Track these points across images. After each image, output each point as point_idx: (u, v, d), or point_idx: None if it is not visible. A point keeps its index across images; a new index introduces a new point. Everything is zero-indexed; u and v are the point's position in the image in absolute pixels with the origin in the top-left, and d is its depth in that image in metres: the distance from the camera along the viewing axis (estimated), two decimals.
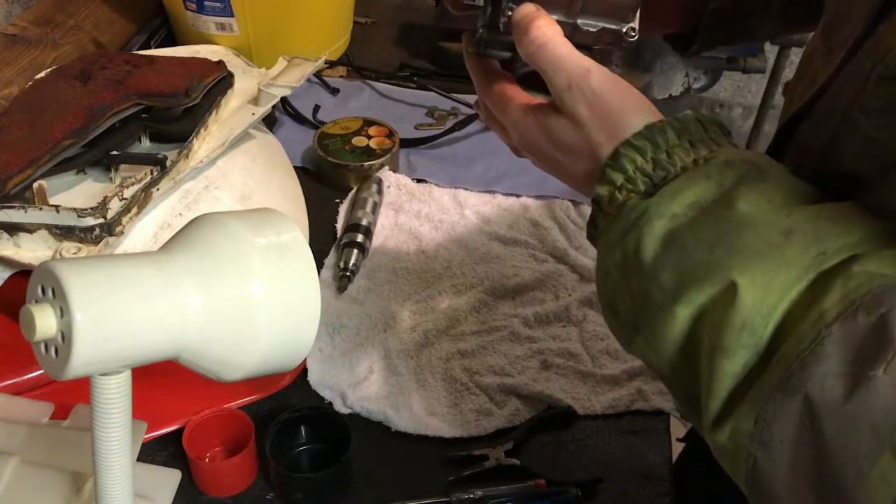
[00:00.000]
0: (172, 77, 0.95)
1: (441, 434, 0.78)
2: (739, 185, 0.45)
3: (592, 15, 0.54)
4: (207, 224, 0.51)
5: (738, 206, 0.44)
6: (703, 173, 0.46)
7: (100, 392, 0.49)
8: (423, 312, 0.90)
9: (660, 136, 0.48)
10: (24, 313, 0.45)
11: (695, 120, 0.49)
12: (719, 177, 0.46)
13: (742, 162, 0.46)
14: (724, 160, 0.46)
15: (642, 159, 0.48)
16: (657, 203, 0.46)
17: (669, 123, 0.49)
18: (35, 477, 0.68)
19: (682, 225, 0.45)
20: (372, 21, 1.44)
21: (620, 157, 0.49)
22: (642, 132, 0.49)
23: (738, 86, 1.69)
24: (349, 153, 1.07)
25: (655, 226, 0.45)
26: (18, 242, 0.80)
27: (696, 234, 0.44)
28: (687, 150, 0.48)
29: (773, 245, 0.42)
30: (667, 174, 0.47)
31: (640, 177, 0.48)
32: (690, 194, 0.45)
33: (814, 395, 0.39)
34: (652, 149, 0.48)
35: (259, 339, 0.50)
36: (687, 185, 0.46)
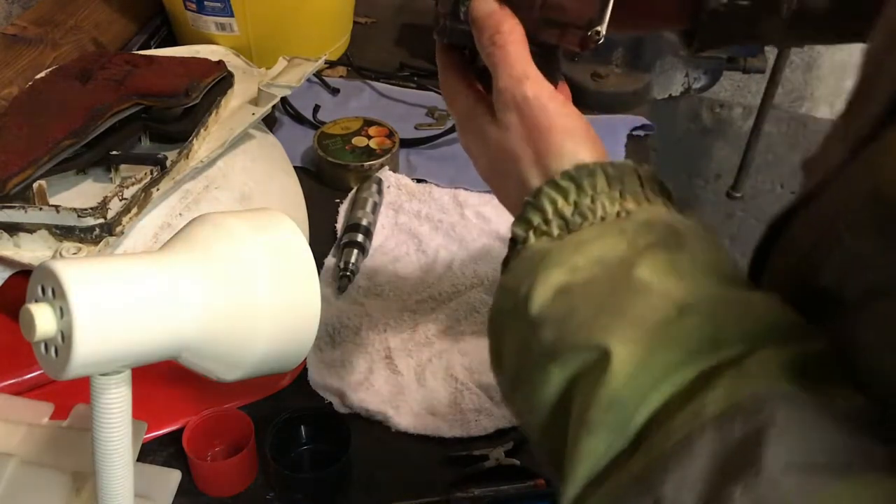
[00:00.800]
0: (172, 77, 0.95)
1: (441, 434, 0.78)
2: (651, 248, 0.41)
3: (556, 12, 0.51)
4: (207, 224, 0.51)
5: (639, 272, 0.40)
6: (618, 228, 0.42)
7: (100, 392, 0.49)
8: (423, 312, 0.90)
9: (588, 179, 0.45)
10: (23, 313, 0.45)
11: (632, 171, 0.45)
12: (633, 235, 0.42)
13: (664, 225, 0.42)
14: (646, 219, 0.43)
15: (563, 201, 0.45)
16: (560, 250, 0.42)
17: (603, 168, 0.45)
18: (35, 477, 0.68)
19: (579, 280, 0.41)
20: (372, 21, 1.44)
21: (541, 196, 0.45)
22: (570, 172, 0.45)
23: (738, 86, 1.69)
24: (349, 153, 1.07)
25: (552, 275, 0.42)
26: (18, 242, 0.80)
27: (588, 291, 0.40)
28: (613, 200, 0.44)
29: (661, 319, 0.38)
30: (583, 221, 0.44)
31: (556, 220, 0.45)
32: (597, 248, 0.42)
33: (666, 500, 0.34)
34: (576, 191, 0.45)
35: (259, 339, 0.50)
36: (597, 237, 0.42)
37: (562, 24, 0.51)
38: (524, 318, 0.42)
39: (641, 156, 1.14)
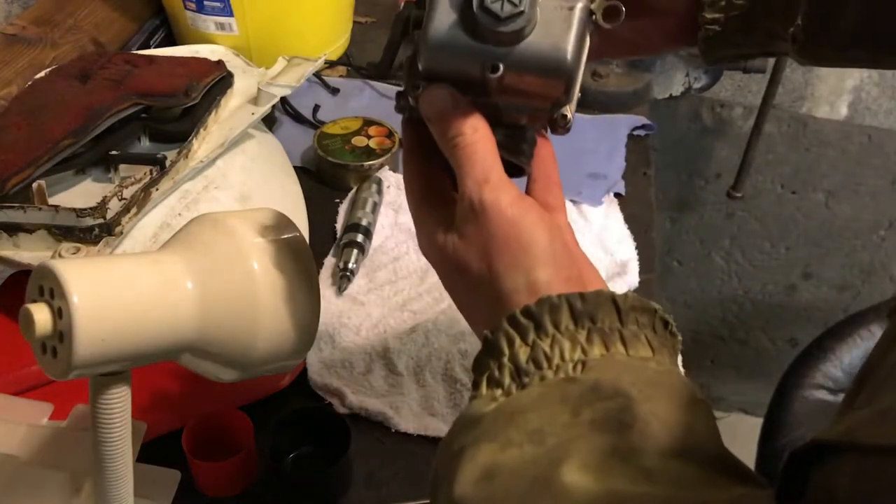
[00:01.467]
0: (172, 77, 0.95)
1: (441, 434, 0.78)
2: (592, 429, 0.36)
3: (516, 97, 0.46)
4: (207, 224, 0.51)
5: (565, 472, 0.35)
6: (560, 395, 0.37)
7: (99, 392, 0.49)
8: (423, 312, 0.90)
9: (549, 315, 0.39)
10: (23, 313, 0.45)
11: (609, 301, 0.39)
12: (576, 405, 0.36)
13: (615, 392, 0.36)
14: (594, 382, 0.37)
15: (520, 341, 0.40)
16: (494, 418, 0.38)
17: (569, 300, 0.39)
18: (34, 477, 0.68)
19: (506, 463, 0.36)
20: (372, 21, 1.44)
21: (499, 334, 0.40)
22: (531, 307, 0.40)
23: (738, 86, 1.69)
24: (349, 153, 1.07)
25: (481, 451, 0.37)
26: (18, 242, 0.79)
27: (509, 486, 0.36)
28: (576, 345, 0.38)
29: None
30: (536, 372, 0.38)
31: (508, 366, 0.39)
32: (535, 419, 0.37)
33: None
34: (535, 330, 0.39)
35: (258, 339, 0.50)
36: (537, 405, 0.37)
37: (525, 108, 0.47)
38: (447, 497, 0.38)
39: (641, 155, 1.14)
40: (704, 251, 1.92)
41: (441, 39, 0.44)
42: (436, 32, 0.44)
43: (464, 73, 0.44)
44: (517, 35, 0.43)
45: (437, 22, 0.44)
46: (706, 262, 1.93)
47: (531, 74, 0.44)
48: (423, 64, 0.45)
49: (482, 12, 0.42)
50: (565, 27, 0.43)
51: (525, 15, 0.42)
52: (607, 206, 1.04)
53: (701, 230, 1.90)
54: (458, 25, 0.43)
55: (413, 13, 0.49)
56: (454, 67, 0.44)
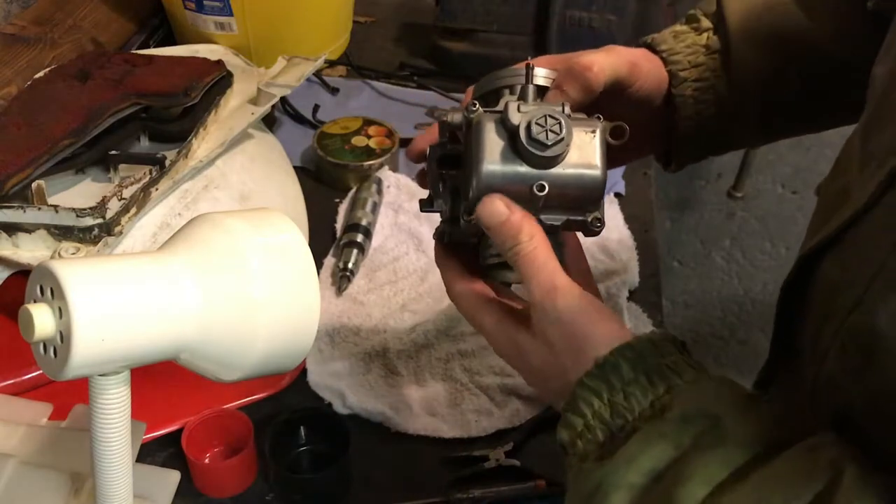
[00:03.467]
0: (171, 77, 0.95)
1: (441, 434, 0.78)
2: (696, 449, 0.42)
3: (554, 210, 0.52)
4: (207, 224, 0.51)
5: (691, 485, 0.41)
6: (658, 433, 0.43)
7: (99, 392, 0.49)
8: (423, 312, 0.90)
9: (613, 374, 0.46)
10: (22, 313, 0.45)
11: (648, 342, 0.47)
12: (676, 436, 0.43)
13: (699, 416, 0.43)
14: (681, 414, 0.43)
15: (599, 402, 0.46)
16: (613, 472, 0.43)
17: (623, 355, 0.46)
18: (34, 477, 0.68)
19: (640, 501, 0.42)
20: (372, 20, 1.44)
21: (578, 401, 0.46)
22: (594, 371, 0.46)
23: None
24: (349, 153, 1.07)
25: (613, 500, 0.43)
26: (17, 242, 0.79)
27: None
28: (644, 389, 0.45)
29: None
30: (624, 422, 0.45)
31: (598, 424, 0.46)
32: (647, 460, 0.43)
33: None
34: (607, 390, 0.46)
35: (258, 339, 0.49)
36: (643, 450, 0.43)
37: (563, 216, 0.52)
38: None
39: None
40: (704, 251, 1.92)
41: (494, 171, 0.50)
42: (489, 165, 0.49)
43: (513, 194, 0.50)
44: (558, 158, 0.49)
45: (488, 154, 0.49)
46: (706, 262, 1.93)
47: (571, 189, 0.51)
48: (476, 192, 0.50)
49: (530, 142, 0.49)
50: (593, 147, 0.51)
51: (564, 141, 0.49)
52: (607, 206, 1.04)
53: (701, 230, 1.90)
54: (506, 155, 0.49)
55: (448, 149, 0.55)
56: (504, 189, 0.50)
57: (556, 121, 0.49)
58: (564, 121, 0.49)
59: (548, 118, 0.49)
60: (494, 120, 0.50)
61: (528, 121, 0.49)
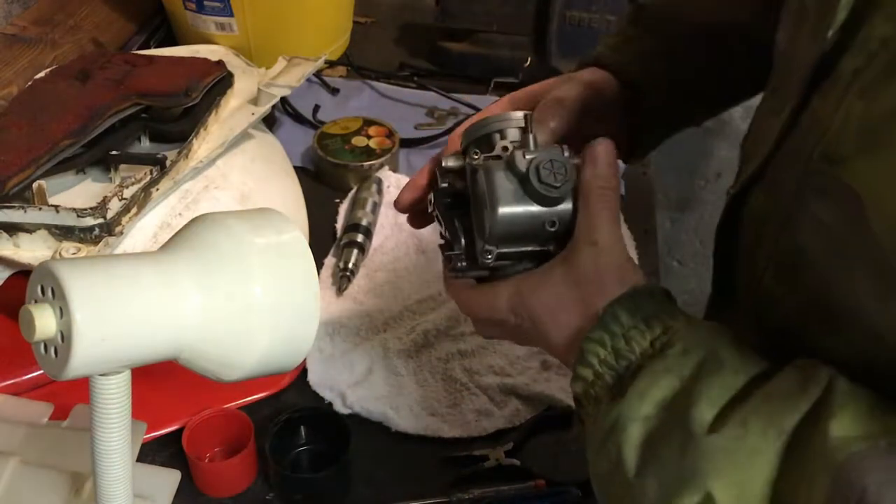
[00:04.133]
0: (172, 77, 0.95)
1: (441, 434, 0.78)
2: (698, 378, 0.46)
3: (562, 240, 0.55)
4: (207, 224, 0.51)
5: (700, 406, 0.45)
6: (663, 367, 0.47)
7: (99, 392, 0.49)
8: (423, 312, 0.90)
9: (614, 322, 0.49)
10: (23, 313, 0.45)
11: (646, 293, 0.50)
12: (678, 369, 0.47)
13: (698, 347, 0.47)
14: (682, 349, 0.47)
15: (604, 351, 0.49)
16: (627, 407, 0.47)
17: (621, 304, 0.50)
18: (34, 477, 0.68)
19: (655, 430, 0.46)
20: (372, 21, 1.44)
21: (585, 354, 0.50)
22: (597, 324, 0.50)
23: None
24: (349, 153, 1.07)
25: (631, 433, 0.46)
26: (18, 242, 0.79)
27: (666, 440, 0.45)
28: (642, 332, 0.49)
29: (734, 439, 0.43)
30: (629, 363, 0.48)
31: (605, 370, 0.49)
32: (658, 391, 0.46)
33: None
34: (610, 338, 0.49)
35: (259, 339, 0.50)
36: (653, 382, 0.47)
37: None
38: (625, 482, 0.46)
39: None
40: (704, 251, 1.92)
41: (508, 212, 0.53)
42: (504, 208, 0.53)
43: (527, 232, 0.54)
44: (566, 196, 0.53)
45: (501, 199, 0.53)
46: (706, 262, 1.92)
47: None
48: (494, 231, 0.53)
49: (541, 185, 0.52)
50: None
51: (570, 180, 0.53)
52: None
53: (701, 230, 1.90)
54: (518, 197, 0.53)
55: (457, 187, 0.59)
56: (519, 229, 0.54)
57: (560, 164, 0.53)
58: (568, 163, 0.53)
59: (553, 162, 0.52)
60: (501, 167, 0.54)
61: (535, 165, 0.52)
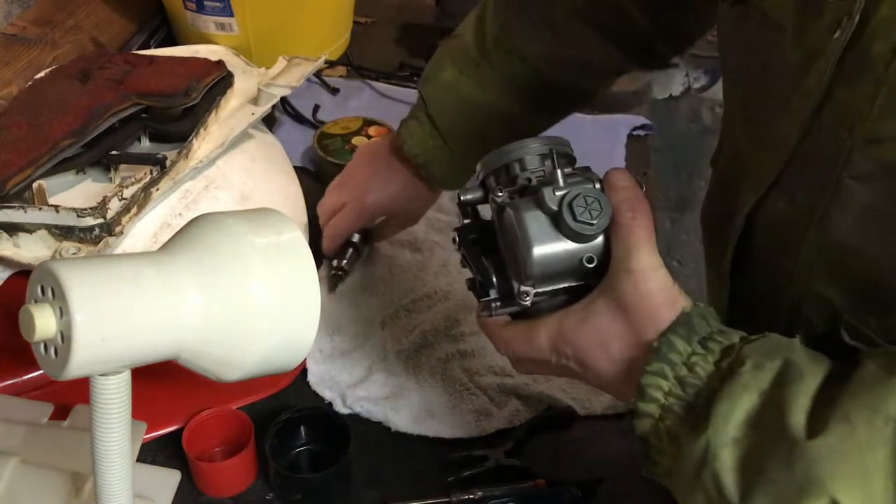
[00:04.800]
0: (172, 77, 0.95)
1: (441, 434, 0.78)
2: (780, 387, 0.45)
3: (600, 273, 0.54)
4: (207, 224, 0.51)
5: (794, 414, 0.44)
6: (741, 385, 0.46)
7: (99, 392, 0.49)
8: (419, 311, 0.90)
9: (671, 351, 0.48)
10: (23, 313, 0.45)
11: (697, 315, 0.49)
12: (756, 384, 0.46)
13: (770, 359, 0.46)
14: (754, 364, 0.46)
15: (667, 383, 0.48)
16: (714, 433, 0.45)
17: (675, 331, 0.48)
18: (34, 477, 0.68)
19: (749, 448, 0.45)
20: (372, 21, 1.44)
21: (646, 389, 0.48)
22: (653, 355, 0.48)
23: None
24: (349, 153, 1.07)
25: (724, 458, 0.45)
26: (18, 242, 0.79)
27: (768, 455, 0.44)
28: (703, 356, 0.48)
29: (842, 436, 0.42)
30: (697, 390, 0.47)
31: (674, 402, 0.48)
32: (741, 413, 0.45)
33: None
34: (670, 368, 0.48)
35: (258, 339, 0.50)
36: (733, 404, 0.45)
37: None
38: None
39: (641, 156, 1.14)
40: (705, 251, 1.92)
41: (545, 253, 0.52)
42: (539, 248, 0.52)
43: (564, 270, 0.53)
44: (602, 231, 0.52)
45: (535, 239, 0.52)
46: None
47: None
48: (531, 272, 0.52)
49: (576, 223, 0.51)
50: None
51: (606, 214, 0.51)
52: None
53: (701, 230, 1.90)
54: (552, 235, 0.52)
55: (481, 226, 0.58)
56: (556, 268, 0.52)
57: (594, 198, 0.51)
58: (601, 197, 0.51)
59: (586, 198, 0.51)
60: (530, 205, 0.52)
61: (569, 203, 0.51)
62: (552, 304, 0.54)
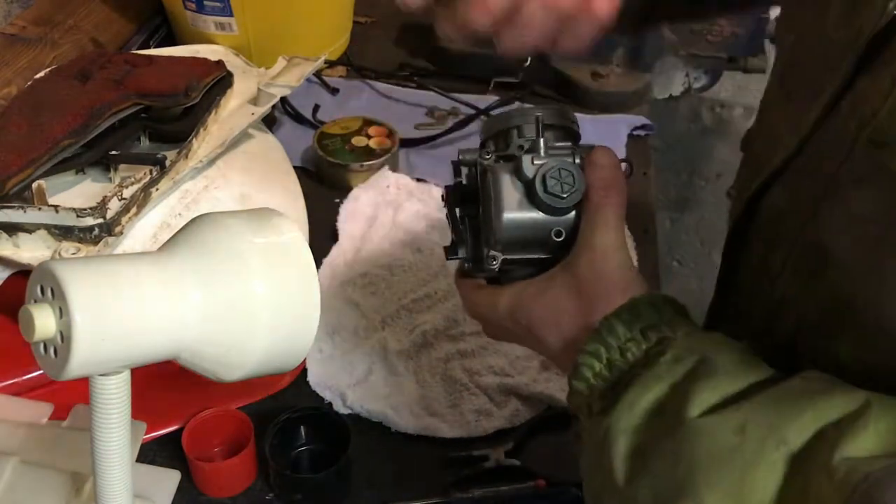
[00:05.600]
0: (172, 77, 0.95)
1: (441, 434, 0.78)
2: (690, 382, 0.44)
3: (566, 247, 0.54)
4: (207, 224, 0.51)
5: (689, 411, 0.43)
6: (654, 375, 0.45)
7: (99, 392, 0.49)
8: (419, 311, 0.90)
9: (609, 335, 0.48)
10: (23, 313, 0.45)
11: (647, 303, 0.48)
12: (669, 376, 0.45)
13: (690, 355, 0.46)
14: (673, 356, 0.46)
15: (599, 364, 0.48)
16: (616, 419, 0.45)
17: (619, 316, 0.48)
18: (34, 477, 0.68)
19: (644, 440, 0.44)
20: (372, 21, 1.44)
21: (581, 367, 0.48)
22: (592, 335, 0.48)
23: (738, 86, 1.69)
24: (349, 153, 1.07)
25: (620, 445, 0.45)
26: (17, 242, 0.79)
27: (657, 449, 0.44)
28: (638, 343, 0.47)
29: (729, 448, 0.41)
30: (621, 374, 0.47)
31: (600, 383, 0.48)
32: (645, 401, 0.45)
33: None
34: (605, 350, 0.48)
35: (258, 339, 0.49)
36: (641, 393, 0.45)
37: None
38: (618, 493, 0.45)
39: (642, 156, 1.14)
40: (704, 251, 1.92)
41: (514, 219, 0.52)
42: (508, 214, 0.52)
43: (532, 240, 0.53)
44: (573, 206, 0.52)
45: (506, 204, 0.52)
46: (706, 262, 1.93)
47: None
48: (498, 237, 0.53)
49: (546, 195, 0.51)
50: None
51: (578, 191, 0.51)
52: None
53: (701, 230, 1.90)
54: (523, 204, 0.52)
55: (465, 186, 0.58)
56: (524, 237, 0.53)
57: (569, 172, 0.51)
58: (577, 172, 0.51)
59: (561, 171, 0.51)
60: (509, 171, 0.53)
61: (542, 174, 0.51)
62: (522, 273, 0.54)
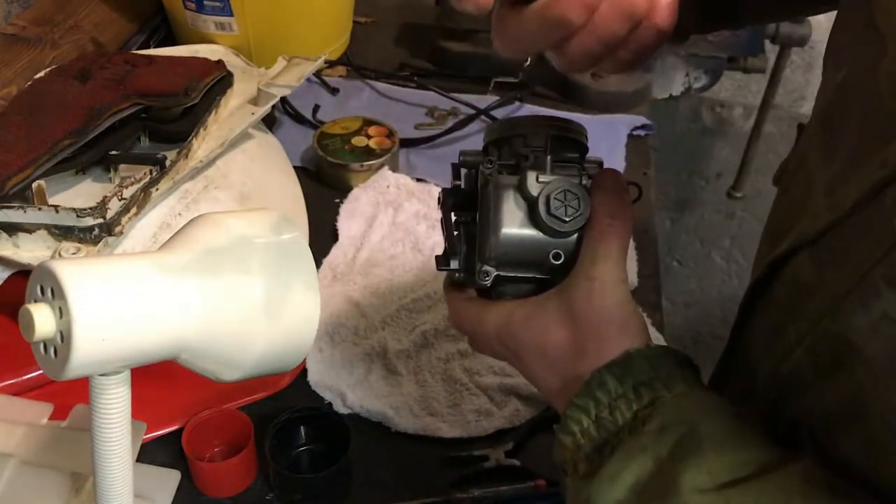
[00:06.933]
0: (172, 77, 0.95)
1: (441, 434, 0.78)
2: (675, 460, 0.42)
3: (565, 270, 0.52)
4: (207, 224, 0.51)
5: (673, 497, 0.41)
6: (639, 446, 0.43)
7: (99, 392, 0.49)
8: (420, 311, 0.90)
9: (600, 389, 0.46)
10: (23, 313, 0.45)
11: (642, 356, 0.46)
12: (655, 448, 0.43)
13: (678, 425, 0.43)
14: (660, 424, 0.44)
15: (588, 420, 0.46)
16: (598, 490, 0.44)
17: (610, 371, 0.46)
18: (34, 477, 0.68)
19: None
20: (372, 21, 1.44)
21: (568, 421, 0.47)
22: (583, 389, 0.46)
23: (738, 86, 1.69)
24: (349, 153, 1.07)
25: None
26: (17, 242, 0.79)
27: None
28: (629, 402, 0.45)
29: None
30: (609, 436, 0.45)
31: (586, 442, 0.46)
32: (629, 475, 0.43)
33: None
34: (595, 406, 0.46)
35: (258, 339, 0.50)
36: (625, 465, 0.43)
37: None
38: None
39: (642, 156, 1.14)
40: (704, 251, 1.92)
41: (512, 237, 0.50)
42: (507, 230, 0.50)
43: (529, 260, 0.51)
44: (576, 231, 0.50)
45: (506, 221, 0.50)
46: (706, 262, 1.93)
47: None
48: (494, 253, 0.51)
49: (549, 217, 0.49)
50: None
51: (582, 215, 0.49)
52: None
53: (701, 230, 1.90)
54: (524, 222, 0.50)
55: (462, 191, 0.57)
56: (521, 256, 0.51)
57: (574, 195, 0.49)
58: (583, 195, 0.49)
59: (567, 193, 0.49)
60: (512, 185, 0.51)
61: (546, 194, 0.49)
62: (516, 291, 0.53)
